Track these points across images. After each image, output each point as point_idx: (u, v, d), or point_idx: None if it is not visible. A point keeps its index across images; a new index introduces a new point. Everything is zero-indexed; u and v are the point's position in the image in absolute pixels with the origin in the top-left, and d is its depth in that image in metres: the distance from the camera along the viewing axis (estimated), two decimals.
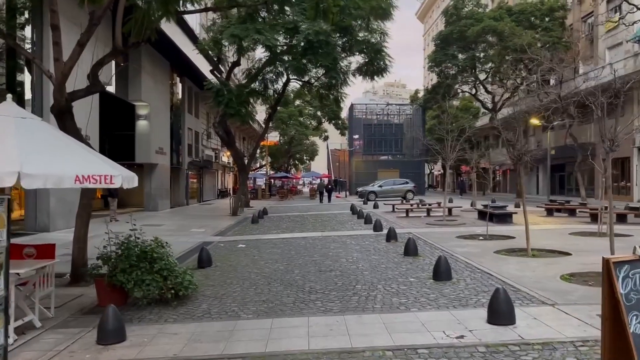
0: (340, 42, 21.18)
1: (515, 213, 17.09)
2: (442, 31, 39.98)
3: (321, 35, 18.16)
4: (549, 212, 19.39)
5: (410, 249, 10.24)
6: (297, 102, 58.04)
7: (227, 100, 21.22)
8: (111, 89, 21.54)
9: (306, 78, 23.91)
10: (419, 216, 20.10)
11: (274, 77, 23.27)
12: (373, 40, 20.93)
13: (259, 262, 10.10)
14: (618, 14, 34.62)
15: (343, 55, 21.86)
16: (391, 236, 12.59)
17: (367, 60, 22.31)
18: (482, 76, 41.46)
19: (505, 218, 16.34)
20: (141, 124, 25.16)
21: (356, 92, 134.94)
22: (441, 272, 7.86)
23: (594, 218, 16.54)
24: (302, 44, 19.13)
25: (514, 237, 12.74)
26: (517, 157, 10.38)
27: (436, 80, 43.57)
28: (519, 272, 8.30)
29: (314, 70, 22.26)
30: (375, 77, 22.87)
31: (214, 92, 21.60)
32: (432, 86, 44.20)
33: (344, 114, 66.38)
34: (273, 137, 59.93)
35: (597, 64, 34.99)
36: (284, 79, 23.61)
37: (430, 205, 21.86)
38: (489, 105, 43.44)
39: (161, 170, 26.90)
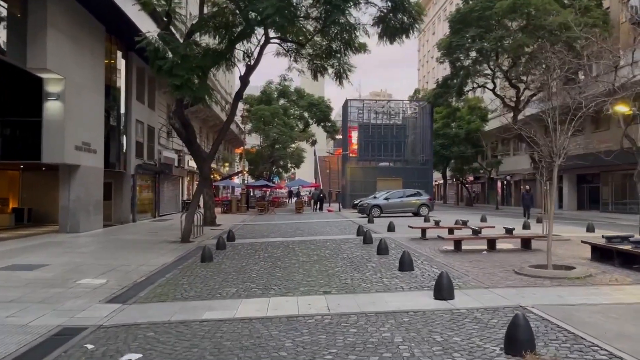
0: None
1: None
2: (460, 8, 32.66)
3: None
4: None
5: None
6: (282, 102, 50.45)
7: (171, 65, 13.57)
8: None
9: (293, 38, 16.12)
10: (479, 250, 12.39)
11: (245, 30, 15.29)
12: None
13: None
14: None
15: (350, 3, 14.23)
16: (518, 341, 4.80)
17: (385, 10, 14.73)
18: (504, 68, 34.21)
19: None
20: (52, 107, 17.15)
21: (340, 99, 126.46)
22: None
23: None
24: None
25: None
26: None
27: (449, 71, 36.18)
28: None
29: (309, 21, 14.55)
30: (395, 39, 15.32)
31: (151, 52, 13.91)
32: (444, 78, 36.80)
33: (333, 115, 58.82)
34: (253, 142, 52.03)
35: None
36: (261, 36, 15.74)
37: (479, 228, 14.29)
38: (507, 102, 36.16)
39: (87, 175, 18.93)
